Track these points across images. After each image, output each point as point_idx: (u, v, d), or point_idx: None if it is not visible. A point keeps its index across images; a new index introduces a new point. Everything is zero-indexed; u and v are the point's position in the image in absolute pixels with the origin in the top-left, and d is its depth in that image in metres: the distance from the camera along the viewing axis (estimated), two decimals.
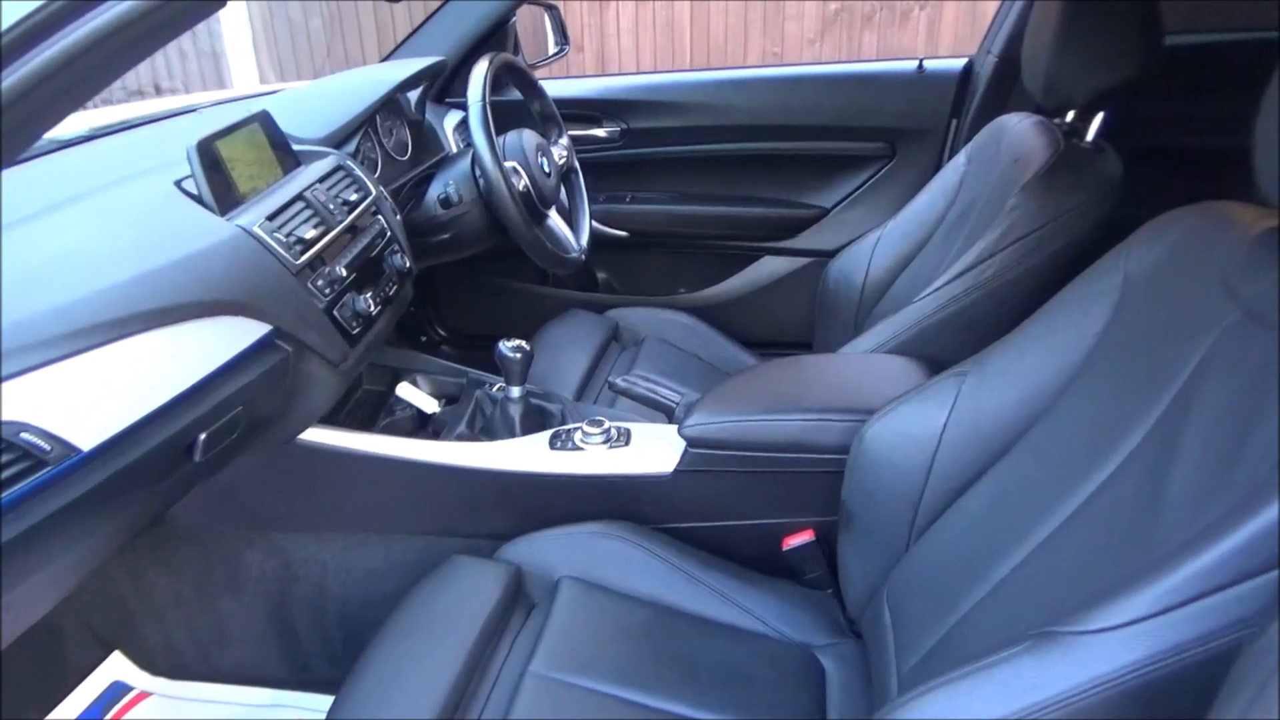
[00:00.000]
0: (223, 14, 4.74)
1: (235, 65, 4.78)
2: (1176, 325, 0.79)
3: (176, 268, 0.94)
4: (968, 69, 1.86)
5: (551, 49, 2.10)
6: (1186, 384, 0.74)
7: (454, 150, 1.76)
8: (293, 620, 1.33)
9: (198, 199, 1.07)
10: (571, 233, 1.66)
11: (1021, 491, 0.89)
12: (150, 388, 0.88)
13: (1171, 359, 0.77)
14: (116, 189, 1.06)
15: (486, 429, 1.35)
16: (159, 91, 4.54)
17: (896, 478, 1.01)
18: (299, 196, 1.17)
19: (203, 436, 0.96)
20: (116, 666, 1.37)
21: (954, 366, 1.02)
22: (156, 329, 0.89)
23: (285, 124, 1.32)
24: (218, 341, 0.98)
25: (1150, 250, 0.87)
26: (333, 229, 1.19)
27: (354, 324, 1.19)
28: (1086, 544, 0.75)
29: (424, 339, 2.20)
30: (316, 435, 1.22)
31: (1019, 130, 1.41)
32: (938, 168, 1.79)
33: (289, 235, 1.10)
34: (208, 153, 1.07)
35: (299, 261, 1.09)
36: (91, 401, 0.82)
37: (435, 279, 2.12)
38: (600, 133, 2.02)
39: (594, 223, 1.98)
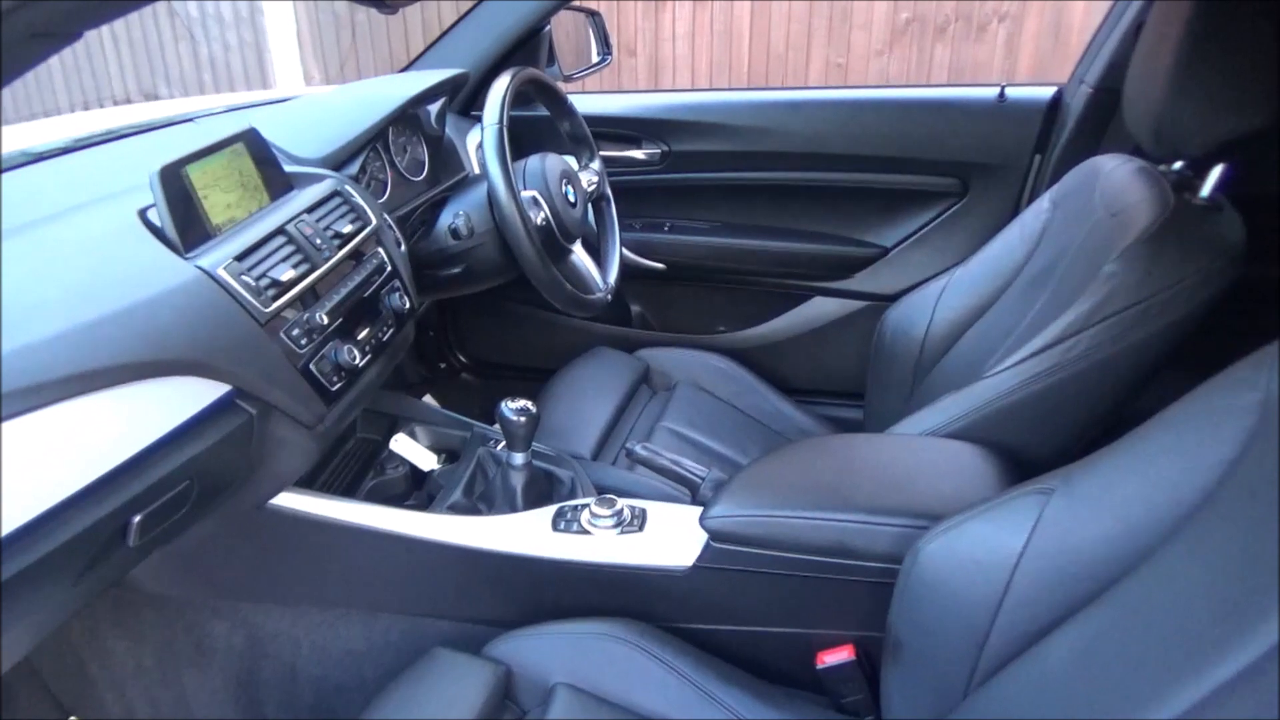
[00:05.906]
0: (267, 7, 4.70)
1: (279, 61, 4.69)
2: None
3: (116, 321, 0.79)
4: (1056, 99, 1.65)
5: (594, 58, 1.94)
6: None
7: (475, 171, 1.60)
8: (261, 701, 1.19)
9: (160, 233, 0.93)
10: (598, 269, 1.49)
11: (1117, 659, 0.70)
12: (70, 468, 0.74)
13: None
14: (70, 218, 0.92)
15: (485, 496, 1.19)
16: (157, 98, 4.48)
17: (957, 609, 0.83)
18: (280, 230, 1.02)
19: (137, 519, 0.81)
20: None
21: (1036, 480, 0.84)
22: (81, 396, 0.75)
23: (282, 141, 1.18)
24: (162, 406, 0.83)
25: None
26: (318, 267, 1.04)
27: (334, 379, 1.03)
28: None
29: (443, 365, 2.06)
30: (291, 500, 1.08)
31: (1118, 177, 1.21)
32: (1016, 210, 1.60)
33: (260, 278, 0.95)
34: (174, 179, 0.93)
35: (269, 309, 0.94)
36: None
37: (457, 302, 1.97)
38: (639, 154, 1.85)
39: (629, 253, 1.82)
